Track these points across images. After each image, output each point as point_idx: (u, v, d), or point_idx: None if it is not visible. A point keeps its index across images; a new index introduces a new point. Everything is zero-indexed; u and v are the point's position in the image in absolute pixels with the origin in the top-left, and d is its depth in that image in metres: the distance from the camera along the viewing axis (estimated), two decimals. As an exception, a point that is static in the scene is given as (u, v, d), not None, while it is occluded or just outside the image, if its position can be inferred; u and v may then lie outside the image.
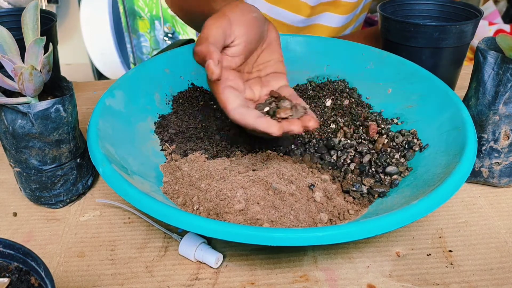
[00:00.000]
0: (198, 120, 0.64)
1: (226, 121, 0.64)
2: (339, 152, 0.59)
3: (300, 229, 0.41)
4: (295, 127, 0.49)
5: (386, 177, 0.55)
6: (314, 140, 0.62)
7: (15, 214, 0.56)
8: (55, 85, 0.55)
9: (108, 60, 2.13)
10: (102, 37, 2.08)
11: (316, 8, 0.92)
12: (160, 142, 0.61)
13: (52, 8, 2.01)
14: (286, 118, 0.51)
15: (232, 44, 0.53)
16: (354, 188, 0.54)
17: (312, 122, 0.50)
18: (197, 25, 0.76)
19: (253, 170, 0.54)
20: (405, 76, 0.64)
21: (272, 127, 0.48)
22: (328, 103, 0.66)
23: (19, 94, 0.52)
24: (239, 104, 0.50)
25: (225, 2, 0.57)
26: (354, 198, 0.53)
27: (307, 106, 0.53)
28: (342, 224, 0.42)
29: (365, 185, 0.55)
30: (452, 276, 0.47)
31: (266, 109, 0.52)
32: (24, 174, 0.54)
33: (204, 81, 0.70)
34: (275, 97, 0.55)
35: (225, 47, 0.53)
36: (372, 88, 0.67)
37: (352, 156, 0.59)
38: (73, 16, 2.12)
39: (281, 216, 0.48)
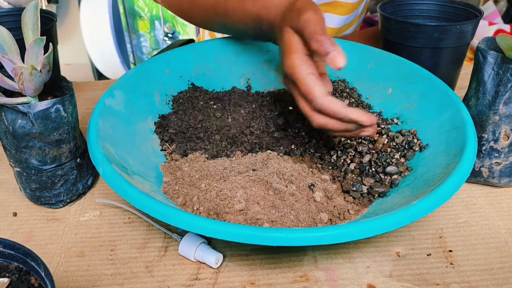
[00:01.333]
0: (198, 120, 0.64)
1: (226, 121, 0.64)
2: (339, 152, 0.59)
3: (300, 229, 0.41)
4: (370, 131, 0.51)
5: (386, 177, 0.55)
6: (314, 140, 0.62)
7: (15, 214, 0.56)
8: (55, 85, 0.56)
9: (108, 60, 2.13)
10: (102, 37, 2.07)
11: None
12: (160, 142, 0.61)
13: (52, 8, 2.01)
14: None
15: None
16: (354, 188, 0.54)
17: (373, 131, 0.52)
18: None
19: (253, 170, 0.54)
20: (405, 76, 0.64)
21: (363, 116, 0.49)
22: (328, 103, 0.66)
23: (19, 94, 0.52)
24: (324, 92, 0.50)
25: None
26: (354, 198, 0.53)
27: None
28: (342, 224, 0.42)
29: (365, 185, 0.55)
30: (452, 276, 0.47)
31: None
32: (24, 174, 0.54)
33: (204, 81, 0.70)
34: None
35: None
36: (372, 88, 0.67)
37: (352, 156, 0.59)
38: (73, 16, 2.12)
39: (281, 216, 0.48)
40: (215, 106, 0.67)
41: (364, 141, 0.60)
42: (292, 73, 0.51)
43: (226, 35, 0.73)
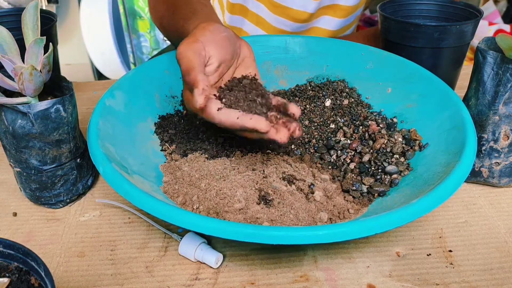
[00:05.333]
0: (198, 121, 0.64)
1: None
2: (339, 151, 0.59)
3: (300, 227, 0.41)
4: (281, 136, 0.49)
5: (386, 176, 0.55)
6: (314, 140, 0.62)
7: (15, 214, 0.56)
8: (55, 85, 0.56)
9: (108, 60, 2.13)
10: (102, 37, 2.07)
11: (315, 13, 0.92)
12: (160, 142, 0.61)
13: (52, 8, 2.01)
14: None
15: (208, 63, 0.54)
16: (354, 188, 0.54)
17: (297, 131, 0.50)
18: (174, 42, 0.77)
19: (253, 170, 0.54)
20: (405, 76, 0.64)
21: (259, 123, 0.48)
22: (328, 103, 0.66)
23: (19, 94, 0.52)
24: (216, 107, 0.50)
25: (198, 21, 0.58)
26: (354, 197, 0.53)
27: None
28: (342, 223, 0.42)
29: (365, 184, 0.55)
30: (452, 276, 0.47)
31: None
32: (24, 174, 0.54)
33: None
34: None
35: None
36: (372, 88, 0.67)
37: (352, 156, 0.59)
38: (73, 16, 2.12)
39: (280, 215, 0.48)
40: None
41: (364, 141, 0.60)
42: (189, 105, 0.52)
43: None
